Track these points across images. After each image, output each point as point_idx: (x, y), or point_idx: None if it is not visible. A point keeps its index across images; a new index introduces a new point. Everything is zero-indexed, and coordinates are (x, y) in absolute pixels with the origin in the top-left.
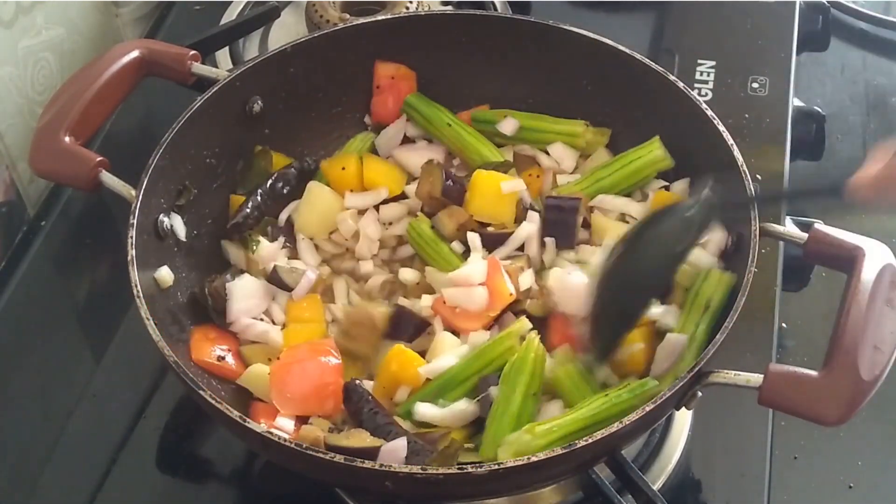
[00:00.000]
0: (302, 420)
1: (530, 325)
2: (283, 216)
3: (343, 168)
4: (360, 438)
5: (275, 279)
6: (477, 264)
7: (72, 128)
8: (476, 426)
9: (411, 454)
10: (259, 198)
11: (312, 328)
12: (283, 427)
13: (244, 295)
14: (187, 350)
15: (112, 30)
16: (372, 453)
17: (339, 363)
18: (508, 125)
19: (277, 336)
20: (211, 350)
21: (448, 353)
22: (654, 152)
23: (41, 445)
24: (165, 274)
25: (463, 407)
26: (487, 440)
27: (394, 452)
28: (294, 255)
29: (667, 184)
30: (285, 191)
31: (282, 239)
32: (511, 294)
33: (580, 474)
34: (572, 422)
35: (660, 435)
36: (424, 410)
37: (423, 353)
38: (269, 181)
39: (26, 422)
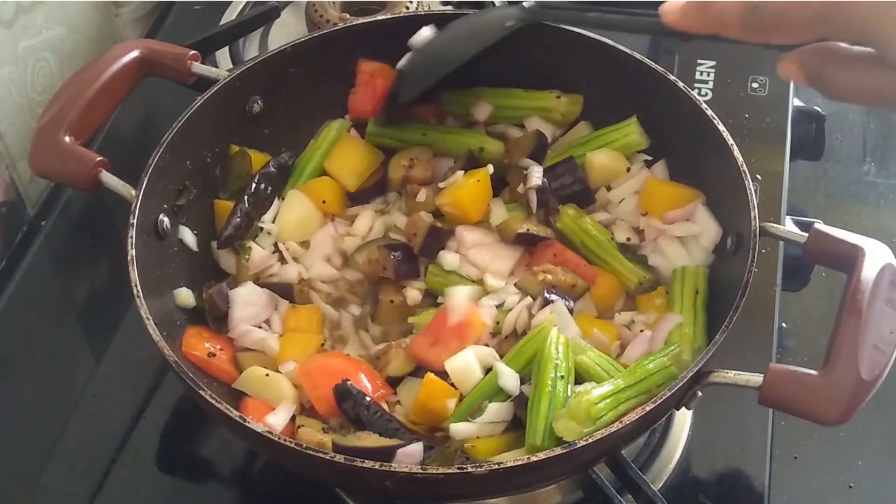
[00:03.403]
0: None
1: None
2: (267, 217)
3: (324, 202)
4: (371, 439)
5: (278, 288)
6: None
7: (72, 128)
8: (513, 424)
9: (426, 451)
10: (246, 204)
11: (310, 338)
12: (274, 425)
13: (246, 303)
14: (179, 344)
15: (112, 30)
16: (388, 453)
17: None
18: (481, 110)
19: (274, 344)
20: (203, 345)
21: (473, 364)
22: (630, 136)
23: (41, 445)
24: (185, 295)
25: (496, 409)
26: (531, 429)
27: (412, 456)
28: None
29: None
30: (269, 191)
31: (272, 245)
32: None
33: (580, 474)
34: (621, 385)
35: (660, 435)
36: (461, 429)
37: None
38: (253, 184)
39: (26, 422)
